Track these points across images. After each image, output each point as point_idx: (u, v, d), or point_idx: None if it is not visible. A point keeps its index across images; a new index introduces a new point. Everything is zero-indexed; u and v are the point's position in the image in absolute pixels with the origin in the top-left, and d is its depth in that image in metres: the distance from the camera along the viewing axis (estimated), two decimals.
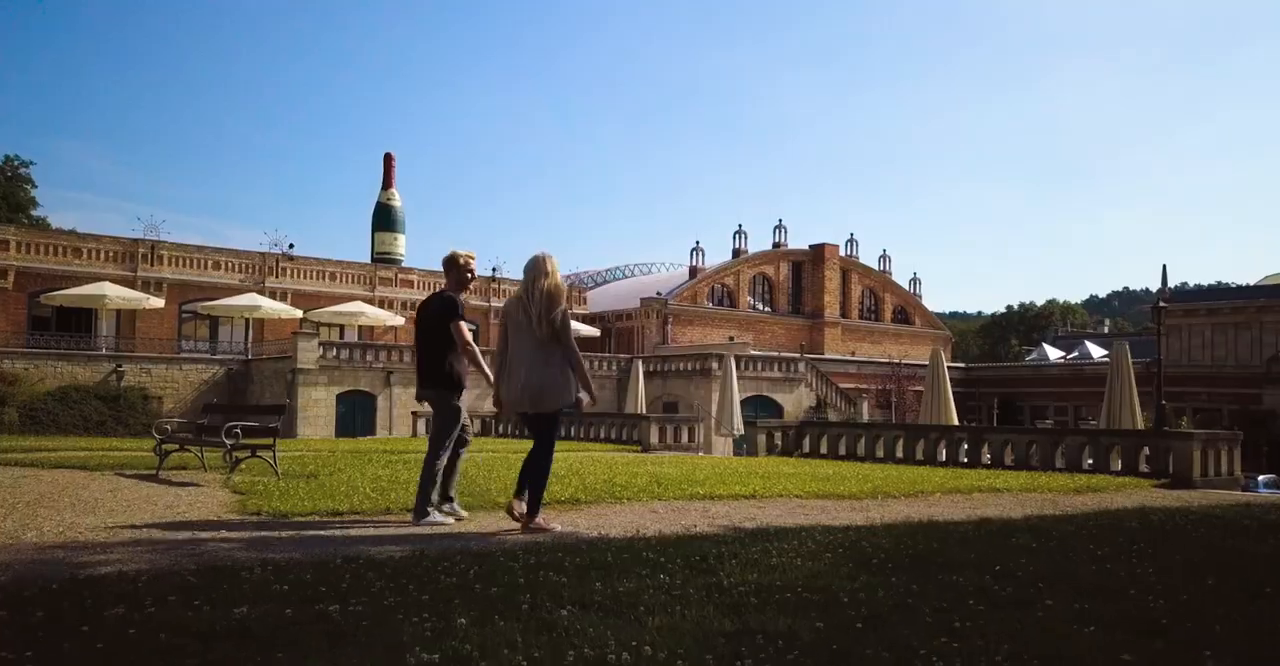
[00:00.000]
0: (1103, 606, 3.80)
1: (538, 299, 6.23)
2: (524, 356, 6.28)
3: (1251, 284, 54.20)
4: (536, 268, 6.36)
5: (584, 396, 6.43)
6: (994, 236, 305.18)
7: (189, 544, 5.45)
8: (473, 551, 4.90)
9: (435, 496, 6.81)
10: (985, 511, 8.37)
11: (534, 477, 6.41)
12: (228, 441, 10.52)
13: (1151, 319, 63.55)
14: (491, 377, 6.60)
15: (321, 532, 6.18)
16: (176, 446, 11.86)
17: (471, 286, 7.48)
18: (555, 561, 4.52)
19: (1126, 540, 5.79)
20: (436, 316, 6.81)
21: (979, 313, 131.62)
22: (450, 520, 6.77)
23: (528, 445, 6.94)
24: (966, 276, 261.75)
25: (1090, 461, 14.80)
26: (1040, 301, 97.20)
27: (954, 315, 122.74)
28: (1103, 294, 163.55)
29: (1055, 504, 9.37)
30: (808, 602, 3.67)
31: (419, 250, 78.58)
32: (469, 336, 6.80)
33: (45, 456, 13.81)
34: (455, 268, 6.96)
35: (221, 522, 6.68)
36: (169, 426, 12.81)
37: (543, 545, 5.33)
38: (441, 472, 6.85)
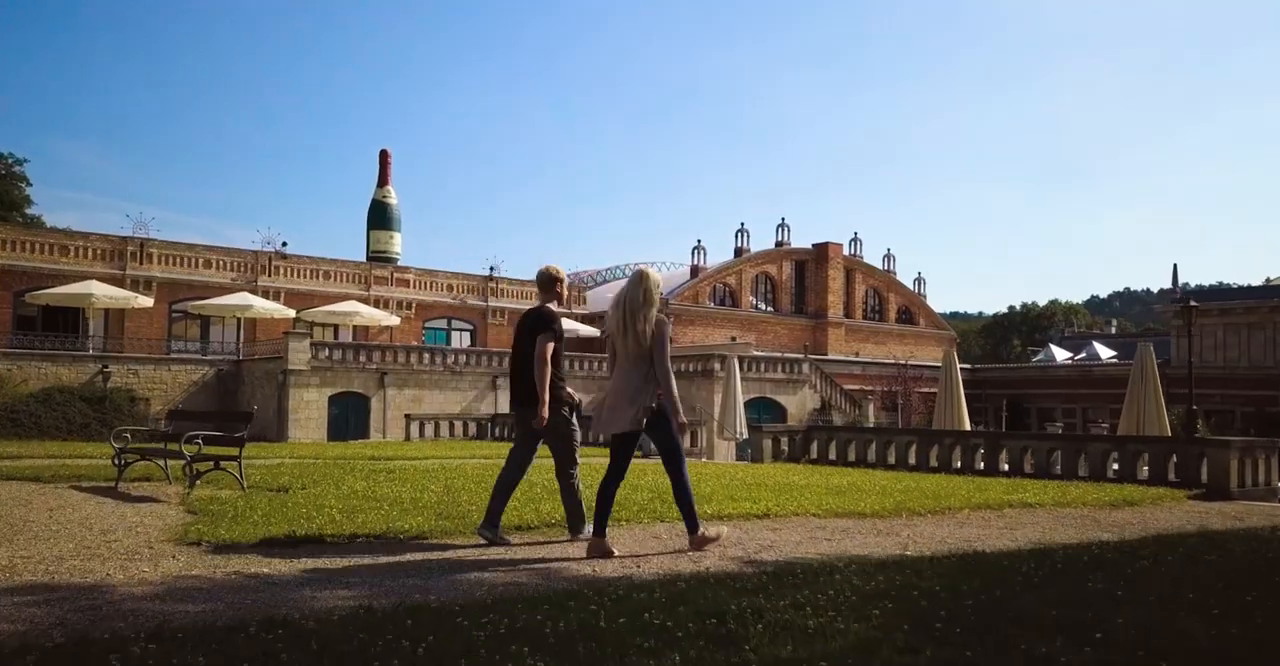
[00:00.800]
0: None
1: (625, 312, 6.08)
2: (614, 374, 6.19)
3: (1258, 284, 53.22)
4: (631, 282, 6.19)
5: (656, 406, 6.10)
6: (994, 236, 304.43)
7: (91, 591, 4.47)
8: (430, 609, 3.90)
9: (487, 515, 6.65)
10: (1025, 532, 7.57)
11: (679, 496, 6.23)
12: (187, 452, 9.59)
13: (1157, 319, 62.81)
14: (546, 399, 6.45)
15: (263, 570, 5.23)
16: (138, 456, 10.95)
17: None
18: (532, 627, 3.51)
19: (1223, 584, 4.81)
20: (530, 331, 6.67)
21: (980, 313, 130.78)
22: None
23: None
24: (967, 276, 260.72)
25: (1115, 467, 13.95)
26: (1042, 301, 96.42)
27: (955, 315, 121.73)
28: (1104, 294, 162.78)
29: (1097, 522, 8.53)
30: None
31: (416, 249, 77.73)
32: (547, 354, 6.48)
33: (1, 466, 12.87)
34: (557, 282, 6.89)
35: (152, 554, 5.72)
36: (128, 434, 11.86)
37: (523, 594, 4.35)
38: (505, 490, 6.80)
